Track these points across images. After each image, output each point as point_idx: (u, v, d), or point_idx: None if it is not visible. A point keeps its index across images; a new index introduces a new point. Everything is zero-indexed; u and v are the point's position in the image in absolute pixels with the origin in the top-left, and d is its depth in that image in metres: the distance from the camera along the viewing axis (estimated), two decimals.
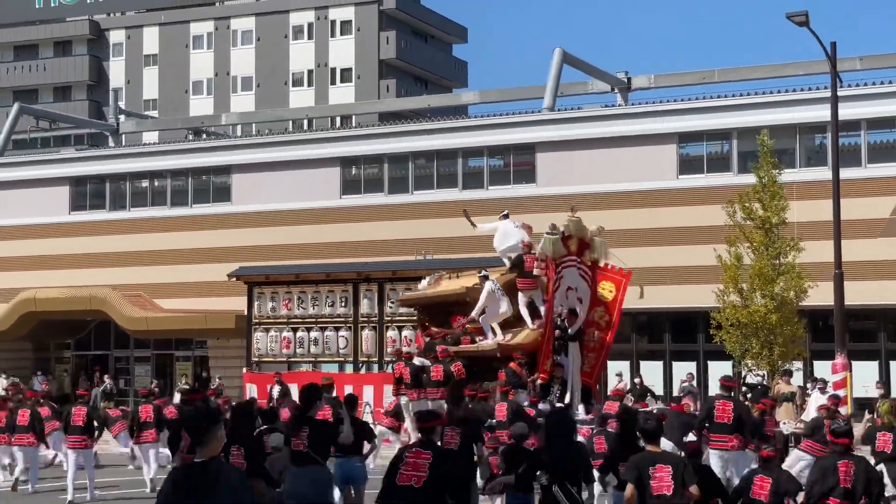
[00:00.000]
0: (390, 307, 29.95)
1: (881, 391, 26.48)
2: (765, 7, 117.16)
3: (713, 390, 26.20)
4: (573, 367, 20.11)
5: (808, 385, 26.42)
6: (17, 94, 66.48)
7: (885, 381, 28.61)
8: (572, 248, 20.29)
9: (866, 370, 29.12)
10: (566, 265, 20.19)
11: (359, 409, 16.24)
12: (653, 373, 31.80)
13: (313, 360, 31.31)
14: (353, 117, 56.13)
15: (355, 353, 30.85)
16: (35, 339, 39.92)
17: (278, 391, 25.91)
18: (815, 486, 10.91)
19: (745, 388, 25.59)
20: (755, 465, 15.91)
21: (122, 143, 48.44)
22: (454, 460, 10.12)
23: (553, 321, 20.04)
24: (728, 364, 27.52)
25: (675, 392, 28.68)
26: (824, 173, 28.31)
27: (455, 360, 20.15)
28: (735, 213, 25.98)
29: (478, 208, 31.99)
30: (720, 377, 16.78)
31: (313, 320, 31.49)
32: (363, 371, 30.20)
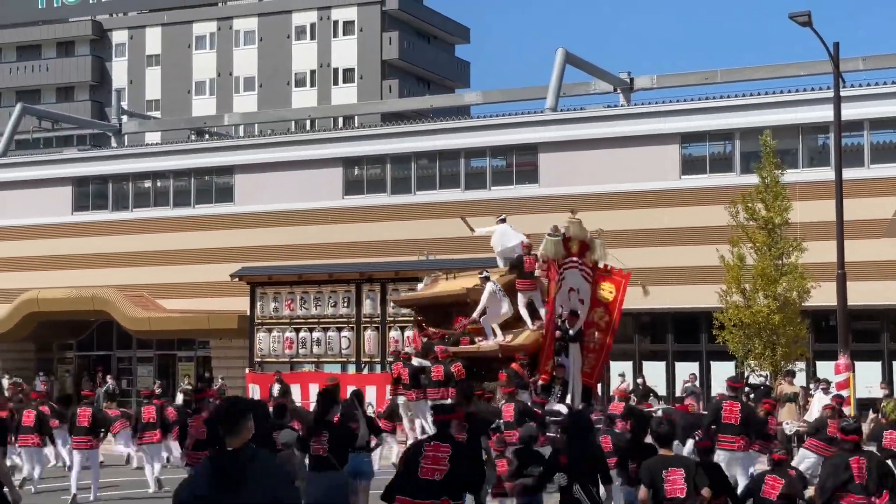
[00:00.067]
0: (393, 307, 29.96)
1: (885, 391, 26.47)
2: (767, 7, 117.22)
3: (716, 391, 26.20)
4: (574, 367, 20.18)
5: (811, 385, 26.41)
6: (19, 95, 66.51)
7: (888, 381, 28.56)
8: (573, 249, 20.37)
9: (869, 370, 29.06)
10: (568, 266, 20.32)
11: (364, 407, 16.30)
12: (655, 373, 31.78)
13: (316, 360, 31.31)
14: (356, 118, 56.13)
15: (358, 354, 30.85)
16: (38, 340, 39.91)
17: (278, 389, 25.93)
18: (827, 481, 11.03)
19: (747, 389, 25.56)
20: (759, 465, 15.98)
21: (125, 144, 48.43)
22: (472, 453, 10.31)
23: (554, 322, 20.08)
24: (731, 365, 27.49)
25: (678, 392, 28.65)
26: (827, 174, 28.28)
27: (455, 360, 20.17)
28: (738, 214, 25.97)
29: (480, 209, 32.07)
30: (727, 378, 16.90)
31: (316, 321, 31.49)
32: (366, 371, 30.20)
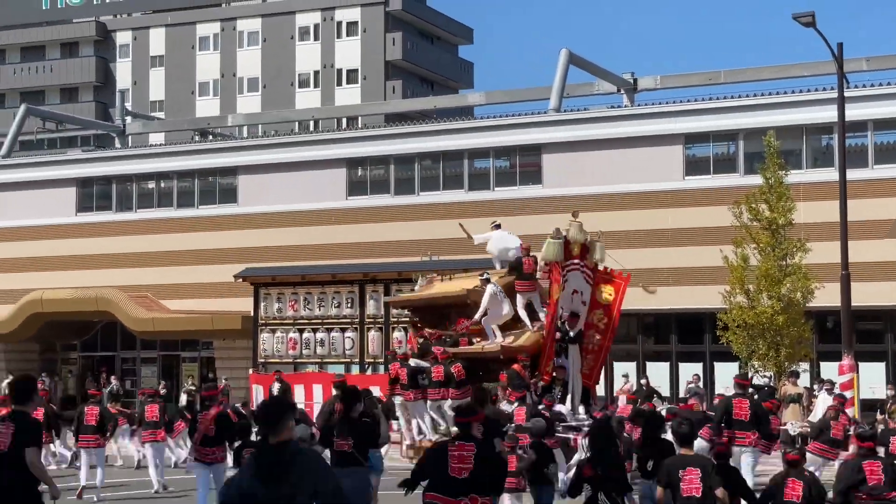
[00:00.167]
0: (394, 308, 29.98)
1: (892, 392, 26.44)
2: (771, 8, 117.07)
3: (719, 391, 26.19)
4: (573, 369, 20.25)
5: (815, 386, 26.41)
6: (23, 96, 66.56)
7: (893, 382, 28.52)
8: (575, 251, 20.45)
9: (873, 371, 29.03)
10: (571, 269, 20.44)
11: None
12: (659, 374, 31.77)
13: (319, 361, 31.36)
14: (359, 118, 56.15)
15: (361, 354, 30.89)
16: (42, 340, 39.95)
17: (278, 388, 25.95)
18: (841, 482, 11.25)
19: (751, 390, 25.55)
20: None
21: (129, 145, 48.49)
22: (494, 451, 10.69)
23: (554, 324, 20.15)
24: (734, 365, 27.46)
25: (682, 393, 28.65)
26: (831, 174, 28.25)
27: (455, 361, 20.21)
28: (741, 214, 25.96)
29: (484, 210, 32.12)
30: (735, 375, 17.16)
31: (319, 321, 31.53)
32: (369, 372, 30.23)
